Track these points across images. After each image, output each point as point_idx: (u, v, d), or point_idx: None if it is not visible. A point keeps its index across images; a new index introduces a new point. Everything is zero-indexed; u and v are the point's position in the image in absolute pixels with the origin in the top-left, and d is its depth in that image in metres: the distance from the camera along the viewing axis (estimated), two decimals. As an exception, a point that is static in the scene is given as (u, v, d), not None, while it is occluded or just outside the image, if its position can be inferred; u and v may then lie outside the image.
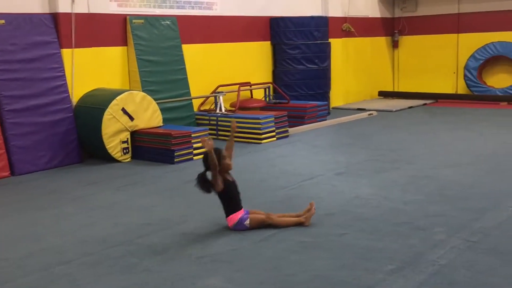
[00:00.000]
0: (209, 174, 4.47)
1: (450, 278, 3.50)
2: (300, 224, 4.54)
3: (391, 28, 13.83)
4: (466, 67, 12.58)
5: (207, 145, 4.34)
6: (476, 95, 12.33)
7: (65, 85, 7.38)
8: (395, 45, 13.87)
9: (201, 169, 4.56)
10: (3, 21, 6.86)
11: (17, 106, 6.88)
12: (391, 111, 11.36)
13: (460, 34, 12.93)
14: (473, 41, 12.57)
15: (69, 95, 7.43)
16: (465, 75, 12.62)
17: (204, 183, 4.50)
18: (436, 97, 12.68)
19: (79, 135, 7.41)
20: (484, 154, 7.08)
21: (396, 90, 13.91)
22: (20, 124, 6.88)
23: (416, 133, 8.78)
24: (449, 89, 13.07)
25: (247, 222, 4.48)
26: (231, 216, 4.51)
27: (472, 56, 12.50)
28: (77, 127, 7.40)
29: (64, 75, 7.38)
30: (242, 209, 4.55)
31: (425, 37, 13.41)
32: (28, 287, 3.59)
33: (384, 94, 13.43)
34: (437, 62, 13.18)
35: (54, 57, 7.30)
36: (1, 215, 5.17)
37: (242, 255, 4.00)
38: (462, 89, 12.92)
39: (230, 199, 4.53)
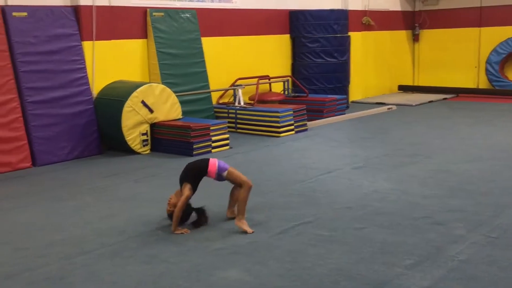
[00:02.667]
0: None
1: (469, 274, 3.47)
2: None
3: (411, 21, 13.69)
4: (488, 61, 12.42)
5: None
6: (498, 90, 12.18)
7: (85, 77, 7.44)
8: (415, 38, 13.73)
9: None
10: (25, 14, 6.94)
11: (38, 97, 6.96)
12: (411, 105, 11.27)
13: (482, 28, 12.76)
14: (495, 35, 12.40)
15: (89, 87, 7.49)
16: (486, 69, 12.46)
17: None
18: (457, 92, 12.54)
19: (99, 127, 7.48)
20: (505, 149, 6.99)
21: (416, 84, 13.79)
22: (42, 116, 6.97)
23: (436, 128, 8.70)
24: (470, 84, 12.91)
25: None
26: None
27: (494, 50, 12.34)
28: (97, 119, 7.47)
29: (84, 67, 7.45)
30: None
31: (446, 30, 13.25)
32: (48, 276, 3.64)
33: (404, 88, 13.32)
34: (458, 56, 13.03)
35: (75, 49, 7.36)
36: (22, 205, 5.24)
37: (260, 248, 4.01)
38: (483, 83, 12.76)
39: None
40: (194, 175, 4.51)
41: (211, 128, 7.35)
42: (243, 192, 4.43)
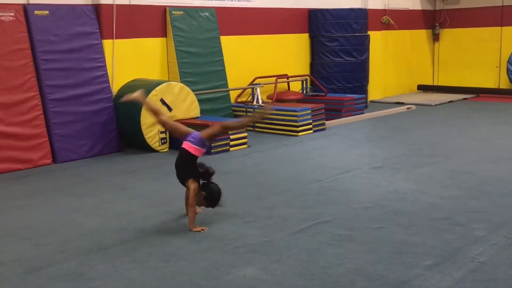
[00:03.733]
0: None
1: (489, 275, 3.44)
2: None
3: (432, 20, 13.56)
4: (509, 61, 12.26)
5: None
6: (520, 90, 12.02)
7: (105, 75, 7.51)
8: (435, 38, 13.61)
9: (237, 159, 4.58)
10: (47, 12, 7.02)
11: (59, 95, 7.04)
12: (430, 105, 11.17)
13: (503, 27, 12.60)
14: (518, 35, 12.25)
15: (109, 85, 7.56)
16: (508, 69, 12.30)
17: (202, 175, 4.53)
18: (478, 92, 12.40)
19: (118, 125, 7.54)
20: (527, 150, 6.90)
21: (436, 84, 13.67)
22: (62, 113, 7.04)
23: (456, 128, 8.62)
24: (491, 84, 12.76)
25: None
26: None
27: (516, 50, 12.18)
28: (117, 116, 7.53)
29: (105, 66, 7.51)
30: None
31: (467, 30, 13.11)
32: (68, 272, 3.68)
33: (423, 88, 13.21)
34: (479, 55, 12.88)
35: (95, 47, 7.43)
36: (42, 201, 5.31)
37: (278, 246, 4.01)
38: (504, 83, 12.60)
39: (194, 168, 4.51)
40: (187, 168, 4.50)
41: (229, 126, 7.35)
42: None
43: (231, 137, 7.34)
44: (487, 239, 4.02)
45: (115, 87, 7.71)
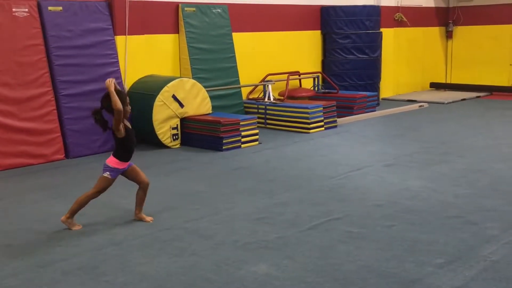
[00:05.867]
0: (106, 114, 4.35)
1: (502, 274, 3.41)
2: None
3: (445, 18, 13.47)
4: (524, 59, 12.16)
5: (110, 85, 4.22)
6: (533, 89, 11.91)
7: (118, 71, 7.53)
8: (449, 35, 13.52)
9: (248, 156, 4.59)
10: (60, 8, 7.05)
11: (72, 91, 7.08)
12: (443, 103, 11.11)
13: (517, 25, 12.50)
14: (532, 32, 12.13)
15: (122, 81, 7.58)
16: (521, 67, 12.20)
17: (103, 121, 4.41)
18: (491, 90, 12.31)
19: (130, 120, 7.54)
20: (541, 149, 6.85)
21: (448, 82, 13.58)
22: (75, 109, 7.08)
23: (469, 126, 8.56)
24: (504, 82, 12.65)
25: (107, 174, 4.42)
26: (114, 159, 4.43)
27: (530, 47, 12.07)
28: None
29: (117, 62, 7.54)
30: (126, 163, 4.45)
31: (481, 27, 13.00)
32: (80, 266, 3.71)
33: (436, 86, 13.14)
34: (492, 53, 12.77)
35: (108, 43, 7.46)
36: (55, 196, 5.35)
37: (289, 243, 4.01)
38: (518, 81, 12.51)
39: (124, 147, 4.44)
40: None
41: (241, 123, 7.37)
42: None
43: (242, 133, 7.35)
44: (500, 238, 4.00)
45: (128, 83, 7.74)
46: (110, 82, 4.30)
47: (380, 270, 3.52)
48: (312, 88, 10.16)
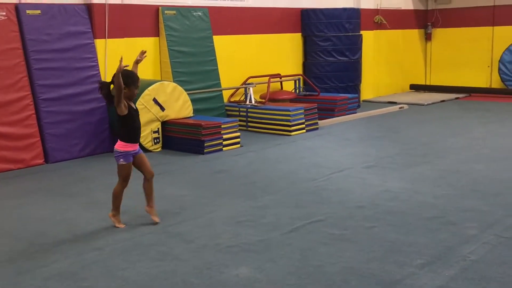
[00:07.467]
0: (113, 90, 4.34)
1: (481, 274, 3.46)
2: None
3: (424, 20, 13.62)
4: (501, 61, 12.32)
5: (119, 66, 4.23)
6: (511, 90, 12.07)
7: (98, 75, 7.48)
8: (428, 37, 13.67)
9: (230, 159, 4.59)
10: (39, 11, 6.99)
11: (51, 95, 7.01)
12: (422, 104, 11.22)
13: (495, 27, 12.67)
14: (509, 34, 12.31)
15: (101, 84, 7.53)
16: (499, 69, 12.37)
17: (108, 94, 4.42)
18: (469, 91, 12.46)
19: (111, 124, 7.52)
20: (518, 150, 6.95)
21: (428, 83, 13.72)
22: (55, 113, 7.02)
23: (448, 128, 8.66)
24: (482, 83, 12.83)
25: (122, 161, 4.43)
26: (121, 142, 4.44)
27: (508, 49, 12.24)
28: (110, 116, 7.51)
29: (97, 65, 7.49)
30: (135, 145, 4.47)
31: (459, 29, 13.18)
32: (60, 272, 3.67)
33: (415, 88, 13.27)
34: (471, 55, 12.95)
35: (87, 47, 7.41)
36: (35, 202, 5.29)
37: (271, 246, 4.02)
38: (496, 83, 12.67)
39: (129, 128, 4.44)
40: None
41: (222, 126, 7.36)
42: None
43: (224, 136, 7.34)
44: (479, 238, 4.05)
45: (108, 87, 7.67)
46: (120, 63, 4.27)
47: (362, 272, 3.54)
48: (293, 91, 10.20)
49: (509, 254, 3.74)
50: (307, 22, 10.65)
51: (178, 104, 7.59)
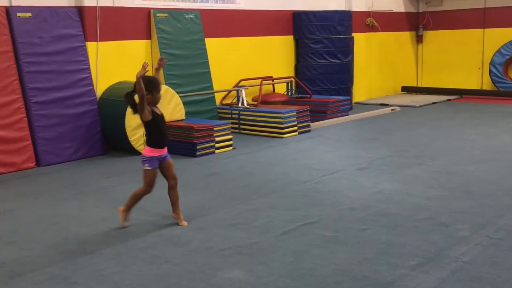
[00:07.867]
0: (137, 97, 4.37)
1: (473, 275, 3.47)
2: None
3: (415, 22, 13.68)
4: (492, 63, 12.39)
5: (140, 71, 4.23)
6: (502, 91, 12.14)
7: (89, 78, 7.46)
8: (419, 40, 13.72)
9: (222, 161, 4.58)
10: (29, 14, 6.96)
11: (43, 98, 6.98)
12: (414, 106, 11.26)
13: (486, 29, 12.74)
14: (499, 36, 12.37)
15: (93, 87, 7.51)
16: (490, 71, 12.44)
17: (133, 103, 4.46)
18: (461, 93, 12.52)
19: (103, 128, 7.49)
20: (509, 151, 6.98)
21: (419, 85, 13.78)
22: (46, 116, 6.98)
23: (440, 129, 8.69)
24: (474, 85, 12.89)
25: (147, 166, 4.46)
26: (147, 148, 4.47)
27: (498, 51, 12.31)
28: (101, 119, 7.49)
29: (89, 68, 7.47)
30: (163, 150, 4.48)
31: (450, 32, 13.24)
32: (52, 276, 3.65)
33: (407, 90, 13.31)
34: (462, 57, 13.01)
35: (79, 50, 7.38)
36: (26, 205, 5.26)
37: (263, 248, 4.01)
38: (487, 85, 12.74)
39: (155, 132, 4.47)
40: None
41: (215, 129, 7.35)
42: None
43: (216, 139, 7.33)
44: (471, 239, 4.06)
45: (99, 90, 7.66)
46: (142, 69, 4.25)
47: (354, 274, 3.54)
48: (285, 93, 10.21)
49: (500, 255, 3.76)
50: (299, 24, 10.67)
51: (170, 107, 7.58)
